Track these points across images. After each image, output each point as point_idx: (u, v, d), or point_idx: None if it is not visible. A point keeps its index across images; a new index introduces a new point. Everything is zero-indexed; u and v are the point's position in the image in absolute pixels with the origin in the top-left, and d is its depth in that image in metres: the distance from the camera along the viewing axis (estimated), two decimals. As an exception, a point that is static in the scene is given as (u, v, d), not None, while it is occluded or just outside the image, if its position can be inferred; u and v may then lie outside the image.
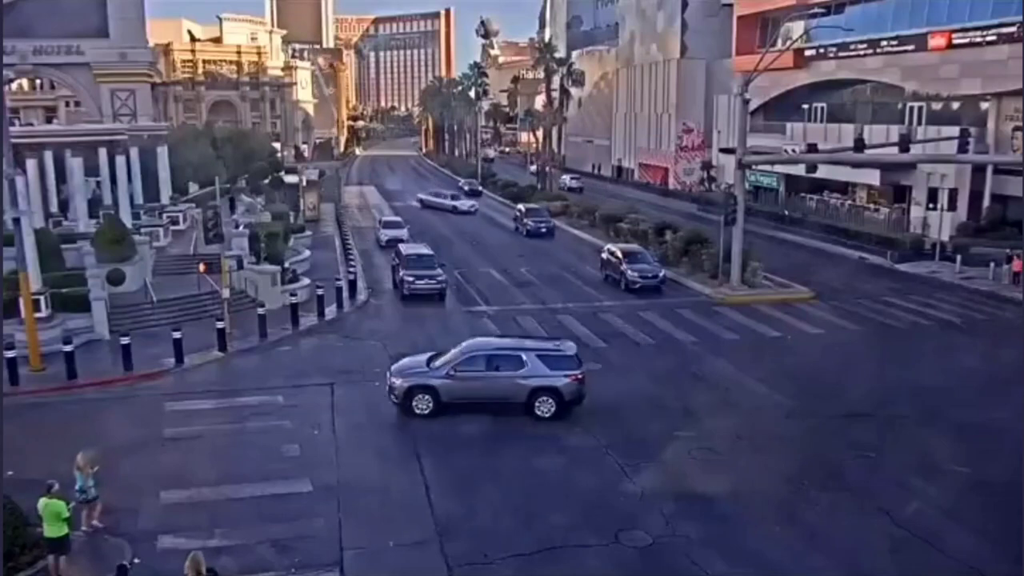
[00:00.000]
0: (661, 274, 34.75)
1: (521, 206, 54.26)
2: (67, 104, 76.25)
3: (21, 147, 34.79)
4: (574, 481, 16.84)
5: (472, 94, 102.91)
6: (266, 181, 65.19)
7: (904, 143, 33.79)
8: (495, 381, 20.04)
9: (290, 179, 65.46)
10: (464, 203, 62.42)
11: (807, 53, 55.91)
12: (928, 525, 15.09)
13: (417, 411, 19.96)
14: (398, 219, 50.09)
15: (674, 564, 13.92)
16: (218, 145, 64.89)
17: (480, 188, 74.97)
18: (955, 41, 44.54)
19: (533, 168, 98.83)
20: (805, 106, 57.46)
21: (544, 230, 49.77)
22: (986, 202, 43.13)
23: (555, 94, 77.68)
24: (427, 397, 19.96)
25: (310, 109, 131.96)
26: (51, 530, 12.91)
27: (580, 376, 20.24)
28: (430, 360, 20.83)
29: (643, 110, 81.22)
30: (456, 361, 20.28)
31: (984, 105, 44.85)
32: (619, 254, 35.94)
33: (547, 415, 19.94)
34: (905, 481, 16.90)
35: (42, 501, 12.94)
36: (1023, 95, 40.46)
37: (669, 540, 14.53)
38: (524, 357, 20.25)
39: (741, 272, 34.44)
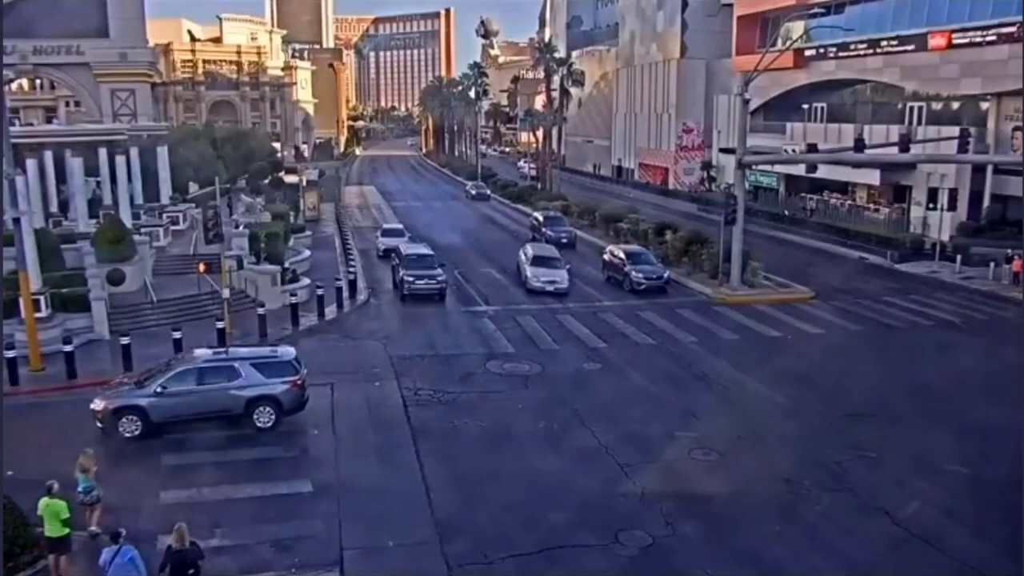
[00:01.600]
0: (665, 275, 34.73)
1: (538, 214, 50.22)
2: (67, 104, 76.37)
3: (21, 147, 34.75)
4: (574, 481, 16.83)
5: (472, 94, 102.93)
6: (266, 181, 65.23)
7: (904, 143, 33.79)
8: (208, 394, 18.98)
9: (290, 179, 65.54)
10: (552, 277, 34.24)
11: (807, 53, 55.92)
12: (928, 525, 15.09)
13: (126, 434, 18.51)
14: (399, 226, 47.63)
15: (674, 564, 13.92)
16: (218, 145, 64.86)
17: (488, 192, 74.28)
18: (955, 41, 44.55)
19: (521, 165, 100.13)
20: (805, 106, 57.46)
21: (565, 240, 45.32)
22: (986, 202, 43.13)
23: (555, 94, 77.62)
24: (134, 418, 18.53)
25: (310, 109, 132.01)
26: (51, 530, 12.91)
27: (299, 382, 19.54)
28: (142, 378, 19.59)
29: (643, 110, 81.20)
30: (165, 377, 19.04)
31: (984, 105, 44.86)
32: (622, 255, 35.82)
33: (268, 424, 19.18)
34: (905, 481, 16.91)
35: (43, 501, 12.95)
36: (1023, 95, 40.47)
37: (669, 540, 14.53)
38: (238, 367, 19.36)
39: (741, 272, 34.45)
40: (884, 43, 49.82)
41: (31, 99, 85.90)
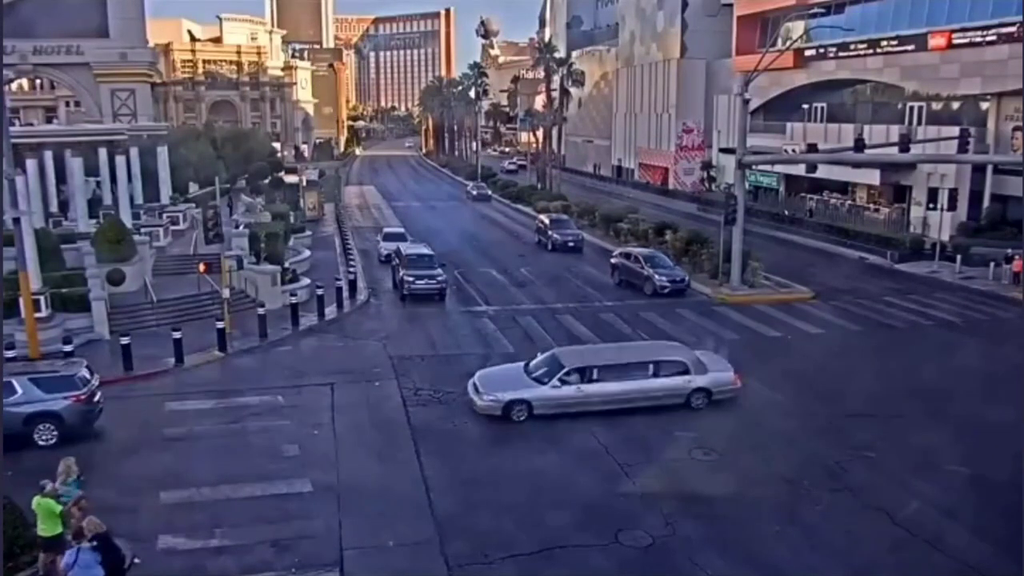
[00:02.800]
0: (687, 278, 34.34)
1: (544, 217, 48.80)
2: (67, 104, 76.39)
3: (21, 147, 34.75)
4: (574, 481, 16.83)
5: (472, 94, 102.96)
6: (266, 181, 65.25)
7: (904, 143, 33.79)
8: None
9: (290, 179, 65.60)
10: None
11: (807, 53, 55.91)
12: (928, 525, 15.09)
13: None
14: (401, 230, 46.19)
15: (674, 564, 13.92)
16: (218, 145, 64.91)
17: (489, 192, 74.19)
18: (955, 41, 44.56)
19: (507, 164, 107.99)
20: (805, 106, 57.44)
21: (572, 244, 44.33)
22: (986, 202, 43.13)
23: (555, 94, 77.65)
24: None
25: (310, 109, 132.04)
26: (44, 528, 12.94)
27: (84, 396, 18.48)
28: None
29: (643, 110, 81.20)
30: None
31: (984, 105, 44.87)
32: (641, 259, 35.09)
33: (51, 442, 17.95)
34: (905, 481, 16.91)
35: (35, 500, 12.97)
36: (1023, 95, 40.48)
37: (669, 540, 14.53)
38: (15, 383, 18.11)
39: (741, 272, 34.44)
40: (884, 43, 49.81)
41: (31, 99, 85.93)
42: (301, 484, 16.64)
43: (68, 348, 22.77)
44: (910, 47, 47.72)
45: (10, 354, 21.71)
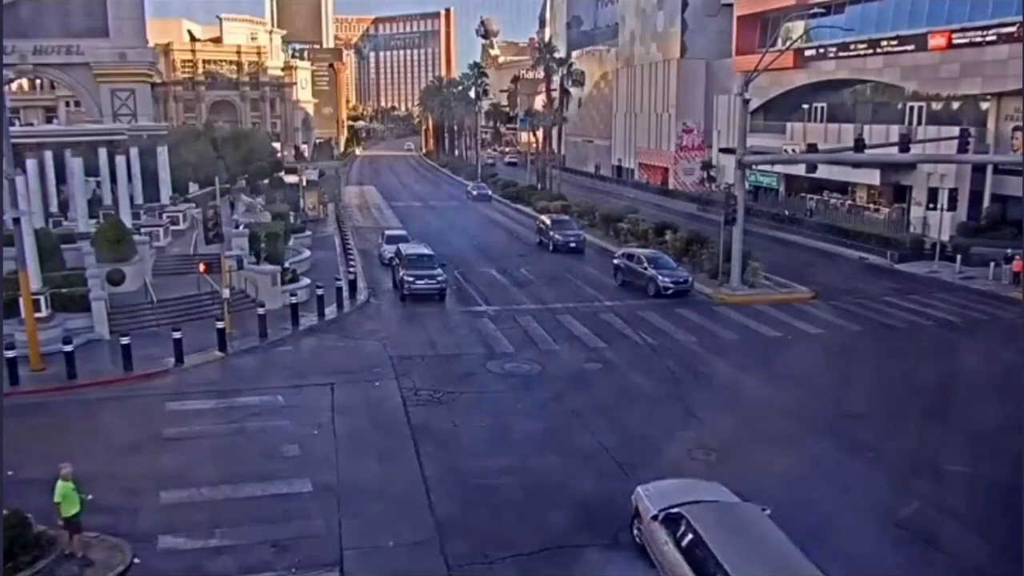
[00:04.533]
0: (690, 279, 34.19)
1: (545, 217, 48.14)
2: (67, 104, 76.36)
3: (21, 147, 34.71)
4: (574, 481, 16.82)
5: (472, 94, 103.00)
6: (266, 181, 65.26)
7: (904, 143, 33.81)
8: None
9: (290, 179, 65.58)
10: None
11: (807, 53, 55.93)
12: (928, 525, 15.09)
13: None
14: (403, 232, 45.17)
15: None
16: (218, 145, 64.91)
17: (489, 192, 74.19)
18: (955, 41, 44.57)
19: (486, 159, 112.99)
20: (805, 106, 57.40)
21: (574, 244, 43.93)
22: (986, 202, 43.15)
23: (555, 94, 77.63)
24: None
25: (310, 109, 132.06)
26: (65, 509, 13.15)
27: None
28: None
29: (643, 110, 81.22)
30: None
31: (984, 105, 44.87)
32: (644, 259, 34.90)
33: None
34: (905, 481, 16.90)
35: (58, 483, 13.18)
36: (1023, 95, 40.48)
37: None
38: None
39: (741, 272, 34.44)
40: (884, 43, 49.83)
41: (31, 99, 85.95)
42: (301, 484, 16.63)
43: (68, 348, 22.77)
44: (910, 47, 47.73)
45: (10, 354, 21.69)
